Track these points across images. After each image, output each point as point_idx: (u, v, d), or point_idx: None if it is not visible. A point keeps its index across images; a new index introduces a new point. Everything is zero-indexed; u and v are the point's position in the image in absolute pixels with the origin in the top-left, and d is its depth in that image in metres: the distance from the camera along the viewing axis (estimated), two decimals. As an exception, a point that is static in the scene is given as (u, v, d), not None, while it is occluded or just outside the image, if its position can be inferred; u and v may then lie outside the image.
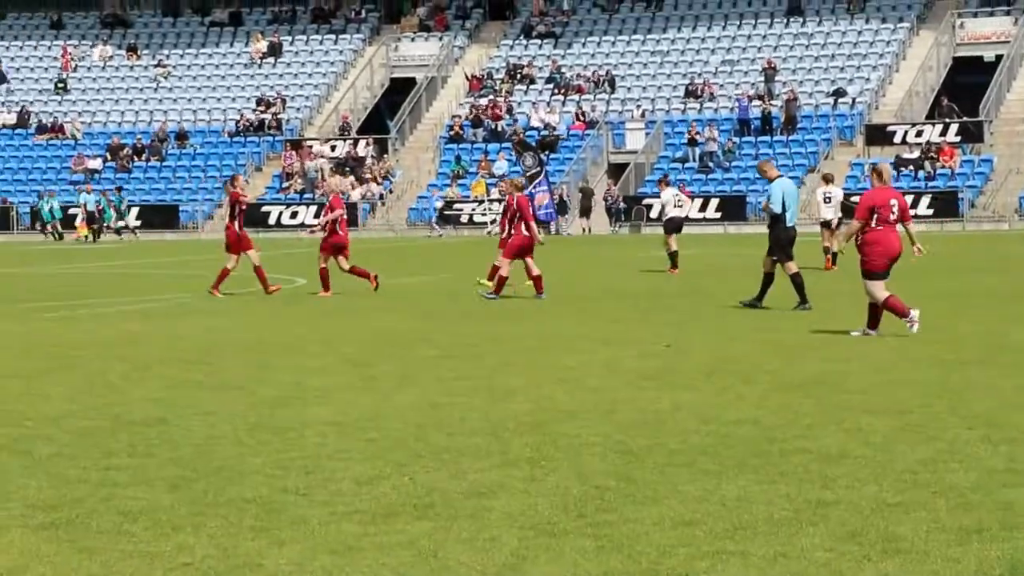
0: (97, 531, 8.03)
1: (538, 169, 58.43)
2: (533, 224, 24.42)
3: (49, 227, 61.60)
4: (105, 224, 61.02)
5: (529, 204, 24.56)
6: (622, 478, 9.24)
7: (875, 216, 17.06)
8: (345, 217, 25.80)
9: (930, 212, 55.78)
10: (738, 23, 69.93)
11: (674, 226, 31.34)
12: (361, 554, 7.47)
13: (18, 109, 71.55)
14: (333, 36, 73.95)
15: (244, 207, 25.86)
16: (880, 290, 17.11)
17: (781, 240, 20.93)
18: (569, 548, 7.53)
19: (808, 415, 11.59)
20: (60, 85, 73.09)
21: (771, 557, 7.30)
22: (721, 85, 66.28)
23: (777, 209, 20.90)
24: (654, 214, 45.49)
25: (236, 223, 25.53)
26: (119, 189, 62.64)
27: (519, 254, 24.29)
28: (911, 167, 58.87)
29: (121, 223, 61.19)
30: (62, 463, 9.99)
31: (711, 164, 61.24)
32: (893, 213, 17.09)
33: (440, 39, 71.33)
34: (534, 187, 58.50)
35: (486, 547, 7.57)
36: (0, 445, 10.70)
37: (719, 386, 13.33)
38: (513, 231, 24.26)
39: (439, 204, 60.64)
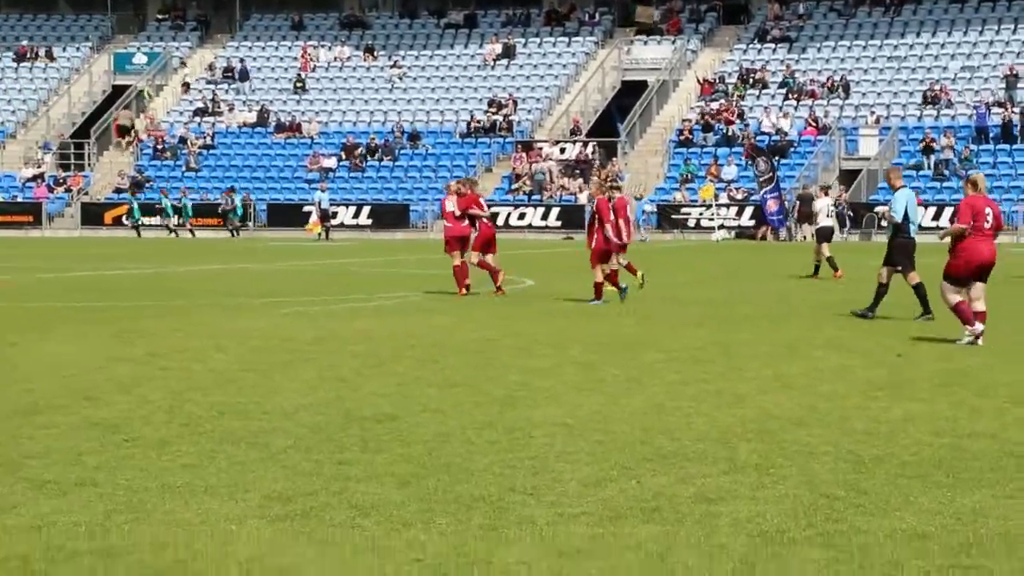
0: (330, 524, 8.19)
1: (770, 175, 57.90)
2: (609, 227, 23.93)
3: (171, 222, 63.12)
4: (164, 223, 63.11)
5: (608, 207, 24.21)
6: (852, 488, 9.11)
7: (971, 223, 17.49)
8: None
9: None
10: (980, 29, 68.37)
11: (826, 234, 32.47)
12: (588, 556, 7.49)
13: (258, 108, 73.37)
14: (566, 39, 74.31)
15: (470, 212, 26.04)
16: (952, 294, 17.42)
17: (903, 250, 21.20)
18: (799, 558, 7.45)
19: (1047, 431, 11.29)
20: (299, 85, 74.75)
21: (1009, 574, 7.13)
22: (959, 92, 64.87)
23: (899, 219, 21.12)
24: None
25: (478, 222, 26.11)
26: (185, 191, 64.57)
27: (603, 259, 24.00)
28: None
29: (177, 221, 63.07)
30: (296, 456, 10.21)
31: (946, 172, 59.96)
32: (988, 221, 17.44)
33: (673, 43, 71.18)
34: (765, 193, 58.04)
35: (714, 553, 7.53)
36: (239, 437, 10.99)
37: (953, 398, 13.05)
38: (595, 236, 23.99)
39: (648, 208, 60.54)
